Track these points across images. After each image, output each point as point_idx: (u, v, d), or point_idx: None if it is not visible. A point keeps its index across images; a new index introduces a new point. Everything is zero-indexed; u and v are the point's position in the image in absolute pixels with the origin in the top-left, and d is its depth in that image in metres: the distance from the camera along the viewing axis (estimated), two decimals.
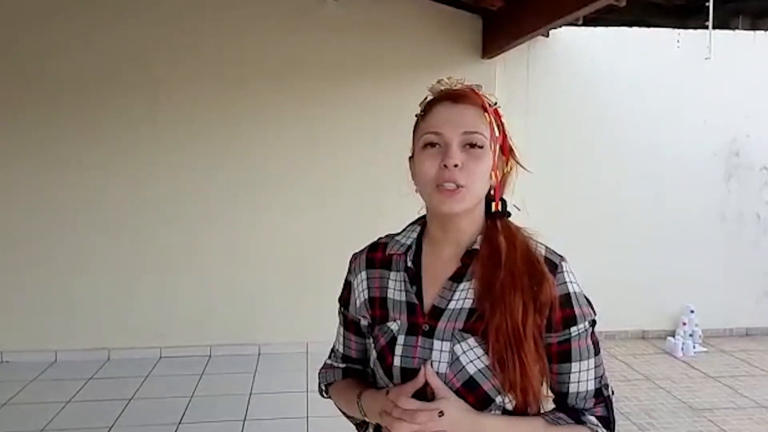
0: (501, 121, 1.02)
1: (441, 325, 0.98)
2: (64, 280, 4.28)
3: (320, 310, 4.16)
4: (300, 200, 4.42)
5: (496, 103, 1.02)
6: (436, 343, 0.97)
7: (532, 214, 1.12)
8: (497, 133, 0.99)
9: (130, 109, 4.23)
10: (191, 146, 4.31)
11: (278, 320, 4.45)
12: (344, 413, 1.16)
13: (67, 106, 4.18)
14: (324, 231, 4.42)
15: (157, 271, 4.36)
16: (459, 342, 0.96)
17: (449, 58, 4.40)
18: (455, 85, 1.02)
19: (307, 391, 3.71)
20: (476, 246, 1.00)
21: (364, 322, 1.09)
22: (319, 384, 1.21)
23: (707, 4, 4.00)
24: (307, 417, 3.38)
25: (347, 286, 1.13)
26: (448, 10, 4.40)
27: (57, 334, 4.28)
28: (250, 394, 3.74)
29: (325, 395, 1.20)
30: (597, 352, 1.00)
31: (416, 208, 1.09)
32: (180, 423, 3.33)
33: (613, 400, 1.02)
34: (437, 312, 0.99)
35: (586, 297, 1.00)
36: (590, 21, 4.38)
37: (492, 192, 1.01)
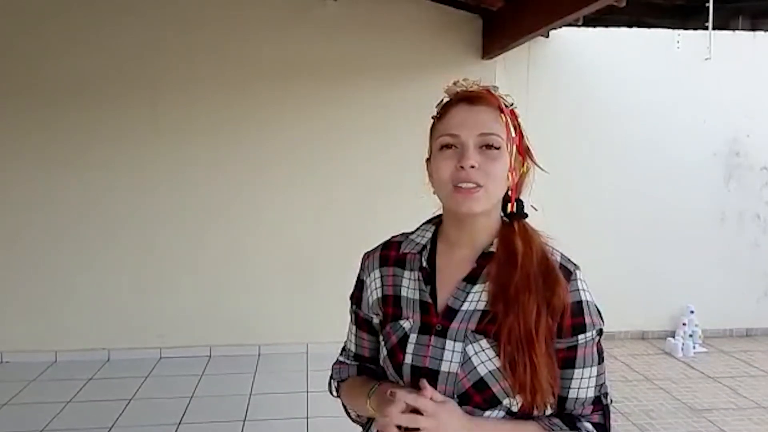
0: (518, 121, 1.02)
1: (454, 325, 0.98)
2: (65, 280, 4.28)
3: (320, 311, 4.20)
4: (300, 200, 4.42)
5: (512, 104, 1.02)
6: (449, 343, 0.97)
7: (531, 214, 1.12)
8: (513, 134, 0.99)
9: (130, 109, 4.23)
10: (191, 146, 4.30)
11: (278, 320, 4.44)
12: (348, 413, 1.16)
13: (67, 106, 4.17)
14: (324, 231, 4.42)
15: (158, 271, 4.36)
16: (471, 343, 0.96)
17: (449, 58, 4.40)
18: (471, 87, 1.02)
19: (307, 392, 3.71)
20: (492, 248, 1.01)
21: (376, 320, 1.09)
22: (331, 379, 1.20)
23: (707, 4, 4.00)
24: (307, 417, 3.38)
25: (359, 284, 1.13)
26: (449, 11, 4.40)
27: (57, 334, 4.28)
28: (250, 394, 3.74)
29: (335, 393, 1.19)
30: (600, 361, 1.01)
31: (417, 207, 1.09)
32: (180, 423, 3.33)
33: (612, 409, 1.03)
34: (451, 312, 0.99)
35: (596, 306, 1.00)
36: (590, 21, 4.38)
37: (509, 193, 1.01)
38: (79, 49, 4.16)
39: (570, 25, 4.14)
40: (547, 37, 4.56)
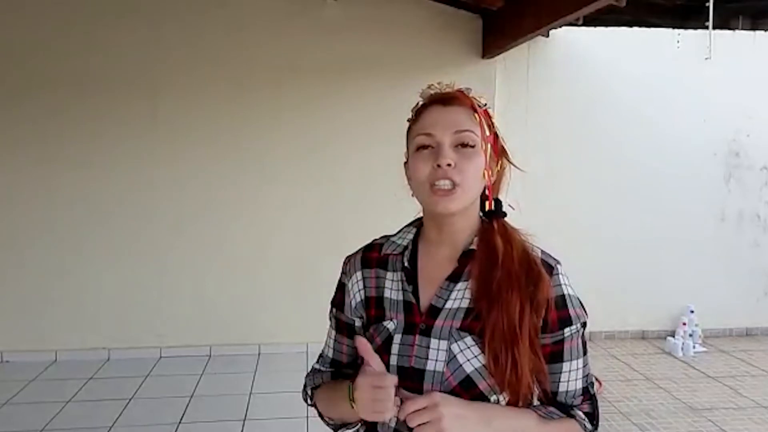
0: (491, 121, 1.03)
1: (438, 323, 0.98)
2: (64, 280, 4.28)
3: (320, 310, 4.17)
4: (299, 200, 4.42)
5: (486, 104, 1.04)
6: (433, 342, 0.97)
7: (532, 213, 1.13)
8: (488, 133, 1.00)
9: (130, 108, 4.22)
10: (191, 145, 4.30)
11: (278, 320, 4.44)
12: (323, 417, 1.13)
13: (66, 105, 4.17)
14: (324, 231, 4.42)
15: (158, 271, 4.35)
16: (456, 341, 0.96)
17: (449, 58, 4.40)
18: (445, 89, 1.04)
19: None
20: (472, 246, 1.01)
21: (359, 323, 1.09)
22: (304, 388, 1.18)
23: (707, 4, 4.00)
24: (307, 417, 3.38)
25: (341, 288, 1.13)
26: (448, 10, 4.40)
27: (57, 334, 4.28)
28: (250, 394, 3.74)
29: (309, 401, 1.18)
30: (585, 353, 1.02)
31: (416, 209, 1.09)
32: (180, 423, 3.33)
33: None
34: (434, 311, 0.99)
35: (579, 299, 1.01)
36: (590, 21, 4.37)
37: (485, 192, 1.02)
38: (79, 48, 4.15)
39: (570, 24, 4.14)
40: (547, 37, 4.55)
